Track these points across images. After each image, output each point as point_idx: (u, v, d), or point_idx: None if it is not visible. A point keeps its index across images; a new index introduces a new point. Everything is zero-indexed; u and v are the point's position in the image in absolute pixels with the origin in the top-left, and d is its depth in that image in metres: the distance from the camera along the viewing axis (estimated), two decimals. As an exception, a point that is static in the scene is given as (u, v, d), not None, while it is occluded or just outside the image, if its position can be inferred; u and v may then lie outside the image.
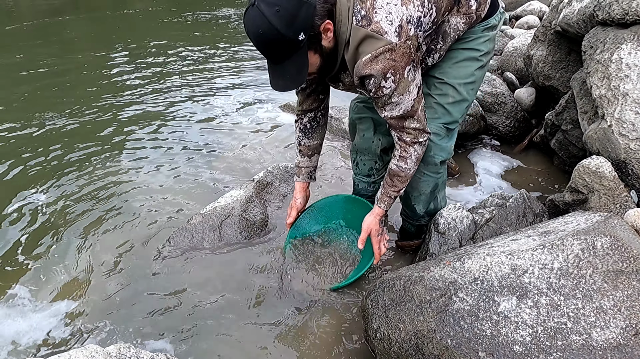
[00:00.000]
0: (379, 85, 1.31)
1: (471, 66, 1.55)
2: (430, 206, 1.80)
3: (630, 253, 1.18)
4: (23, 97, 4.06)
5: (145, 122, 3.51)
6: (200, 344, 1.56)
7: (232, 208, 2.13)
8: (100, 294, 1.80)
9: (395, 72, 1.29)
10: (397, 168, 1.53)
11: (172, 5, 9.59)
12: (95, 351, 1.07)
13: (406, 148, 1.48)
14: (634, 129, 1.65)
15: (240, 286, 1.81)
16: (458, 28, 1.47)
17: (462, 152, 2.82)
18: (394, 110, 1.39)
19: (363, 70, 1.28)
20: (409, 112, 1.40)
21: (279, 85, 1.31)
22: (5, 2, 10.01)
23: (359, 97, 1.86)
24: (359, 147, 1.90)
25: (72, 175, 2.68)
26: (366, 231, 1.64)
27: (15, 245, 2.09)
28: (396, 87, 1.32)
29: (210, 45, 6.18)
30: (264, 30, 1.16)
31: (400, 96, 1.35)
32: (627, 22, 1.77)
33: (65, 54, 5.68)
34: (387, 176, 1.58)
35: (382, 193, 1.61)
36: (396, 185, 1.56)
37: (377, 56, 1.25)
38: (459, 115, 1.60)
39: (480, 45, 1.54)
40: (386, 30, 1.24)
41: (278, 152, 2.96)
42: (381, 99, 1.37)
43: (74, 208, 2.36)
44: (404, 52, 1.27)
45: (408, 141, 1.46)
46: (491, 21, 1.53)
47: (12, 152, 2.96)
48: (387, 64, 1.26)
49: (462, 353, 1.16)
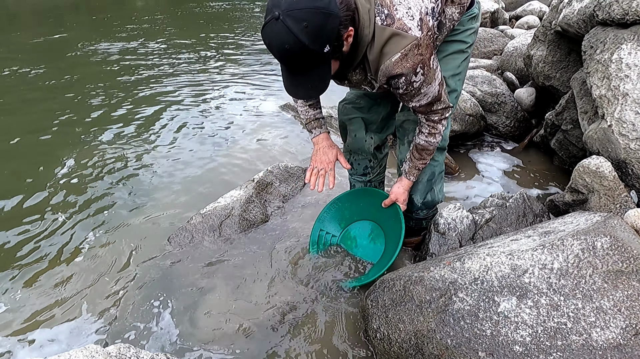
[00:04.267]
0: (409, 82, 1.33)
1: (458, 58, 1.60)
2: (427, 196, 1.82)
3: (630, 253, 1.18)
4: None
5: (145, 122, 3.51)
6: (199, 344, 1.56)
7: (232, 208, 2.13)
8: (100, 294, 1.80)
9: (424, 65, 1.31)
10: (426, 144, 1.58)
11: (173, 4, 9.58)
12: (95, 351, 1.07)
13: (435, 125, 1.53)
14: (634, 129, 1.65)
15: (239, 286, 1.81)
16: (453, 18, 1.50)
17: (462, 151, 2.81)
18: (422, 99, 1.42)
19: (394, 70, 1.29)
20: (435, 96, 1.43)
21: (298, 94, 1.31)
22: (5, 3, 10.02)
23: (346, 99, 1.88)
24: (352, 148, 1.92)
25: (72, 174, 2.69)
26: (393, 198, 1.74)
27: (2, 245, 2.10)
28: (425, 79, 1.35)
29: (211, 44, 6.18)
30: (290, 46, 1.13)
31: (429, 85, 1.38)
32: (627, 22, 1.77)
33: (65, 53, 5.68)
34: (415, 151, 1.63)
35: (410, 166, 1.67)
36: (424, 158, 1.64)
37: (407, 54, 1.26)
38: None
39: (466, 38, 1.59)
40: (409, 26, 1.25)
41: (278, 152, 2.96)
42: (410, 94, 1.39)
43: (74, 208, 2.36)
44: (427, 44, 1.30)
45: (436, 119, 1.51)
46: (474, 10, 1.57)
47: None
48: (417, 60, 1.28)
49: (462, 353, 1.16)
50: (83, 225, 2.22)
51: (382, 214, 1.83)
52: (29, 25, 7.96)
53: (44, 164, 2.82)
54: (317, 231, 1.96)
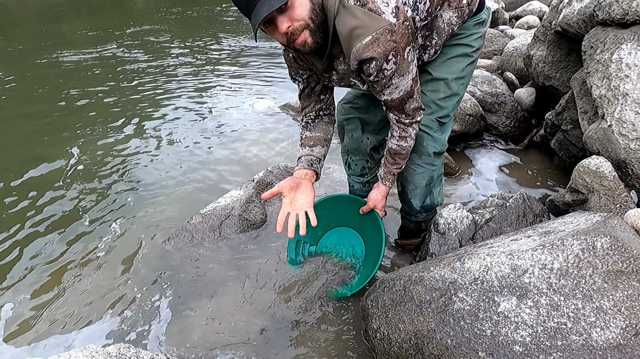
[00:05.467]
0: (380, 68, 1.29)
1: (463, 62, 1.58)
2: (426, 200, 1.81)
3: (630, 253, 1.18)
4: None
5: (144, 122, 3.51)
6: (199, 344, 1.56)
7: (232, 208, 2.13)
8: (99, 294, 1.80)
9: (397, 53, 1.28)
10: (397, 147, 1.57)
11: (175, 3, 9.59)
12: (95, 351, 1.07)
13: (405, 129, 1.51)
14: (634, 129, 1.65)
15: (239, 286, 1.81)
16: (451, 22, 1.48)
17: (462, 151, 2.82)
18: (394, 92, 1.39)
19: (364, 53, 1.25)
20: (408, 92, 1.41)
21: (262, 13, 1.12)
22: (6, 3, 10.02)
23: (345, 98, 1.88)
24: (349, 148, 1.92)
25: (71, 176, 2.69)
26: (371, 205, 1.72)
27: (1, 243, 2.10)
28: (397, 69, 1.32)
29: (210, 44, 6.18)
30: None
31: (401, 77, 1.35)
32: (627, 22, 1.77)
33: (63, 53, 5.68)
34: (388, 155, 1.61)
35: (385, 171, 1.65)
36: (398, 162, 1.62)
37: (378, 38, 1.23)
38: (451, 109, 1.64)
39: (472, 42, 1.57)
40: (383, 10, 1.22)
41: (278, 152, 2.96)
42: (380, 82, 1.36)
43: (74, 208, 2.36)
44: (403, 33, 1.27)
45: (407, 122, 1.50)
46: (481, 16, 1.55)
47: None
48: (389, 46, 1.25)
49: (462, 353, 1.16)
50: (83, 225, 2.22)
51: (361, 221, 1.81)
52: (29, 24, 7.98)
53: (35, 165, 2.83)
54: (294, 242, 1.88)
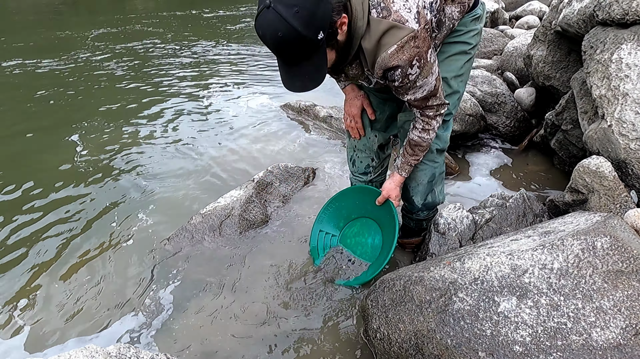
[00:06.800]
0: (405, 74, 1.33)
1: (461, 59, 1.60)
2: (428, 198, 1.81)
3: (630, 253, 1.18)
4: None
5: (143, 122, 3.51)
6: (199, 344, 1.56)
7: (232, 208, 2.13)
8: (98, 294, 1.80)
9: (420, 58, 1.31)
10: (419, 139, 1.59)
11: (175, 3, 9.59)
12: (95, 351, 1.07)
13: (429, 121, 1.53)
14: (634, 129, 1.65)
15: (239, 286, 1.81)
16: (453, 17, 1.50)
17: (462, 151, 2.81)
18: (418, 92, 1.42)
19: (390, 62, 1.29)
20: (432, 91, 1.44)
21: (295, 86, 1.25)
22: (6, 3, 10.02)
23: None
24: (356, 144, 1.92)
25: (69, 177, 2.69)
26: (385, 195, 1.75)
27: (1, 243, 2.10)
28: (421, 72, 1.35)
29: (210, 44, 6.18)
30: (283, 33, 1.11)
31: (425, 79, 1.38)
32: (627, 22, 1.76)
33: (64, 52, 5.68)
34: (408, 146, 1.63)
35: (403, 161, 1.68)
36: (417, 154, 1.64)
37: (403, 46, 1.26)
38: (452, 107, 1.66)
39: (470, 39, 1.58)
40: (407, 18, 1.25)
41: (278, 152, 2.96)
42: (405, 86, 1.39)
43: (73, 209, 2.36)
44: (424, 37, 1.30)
45: (431, 115, 1.52)
46: (477, 11, 1.57)
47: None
48: (413, 52, 1.28)
49: (462, 353, 1.16)
50: (82, 225, 2.22)
51: (378, 211, 1.84)
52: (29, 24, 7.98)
53: (35, 164, 2.83)
54: (316, 233, 1.95)
